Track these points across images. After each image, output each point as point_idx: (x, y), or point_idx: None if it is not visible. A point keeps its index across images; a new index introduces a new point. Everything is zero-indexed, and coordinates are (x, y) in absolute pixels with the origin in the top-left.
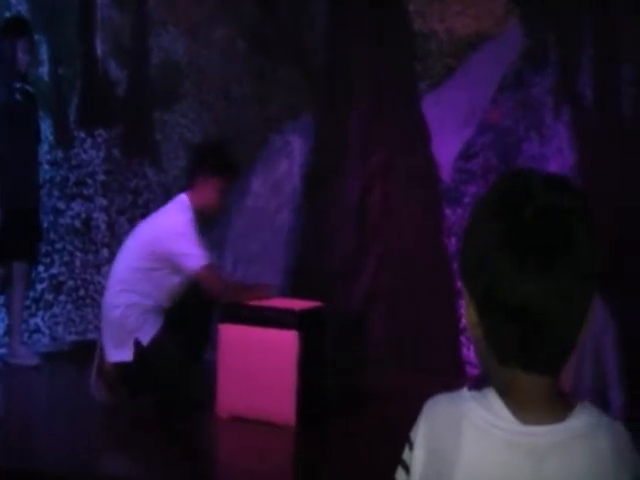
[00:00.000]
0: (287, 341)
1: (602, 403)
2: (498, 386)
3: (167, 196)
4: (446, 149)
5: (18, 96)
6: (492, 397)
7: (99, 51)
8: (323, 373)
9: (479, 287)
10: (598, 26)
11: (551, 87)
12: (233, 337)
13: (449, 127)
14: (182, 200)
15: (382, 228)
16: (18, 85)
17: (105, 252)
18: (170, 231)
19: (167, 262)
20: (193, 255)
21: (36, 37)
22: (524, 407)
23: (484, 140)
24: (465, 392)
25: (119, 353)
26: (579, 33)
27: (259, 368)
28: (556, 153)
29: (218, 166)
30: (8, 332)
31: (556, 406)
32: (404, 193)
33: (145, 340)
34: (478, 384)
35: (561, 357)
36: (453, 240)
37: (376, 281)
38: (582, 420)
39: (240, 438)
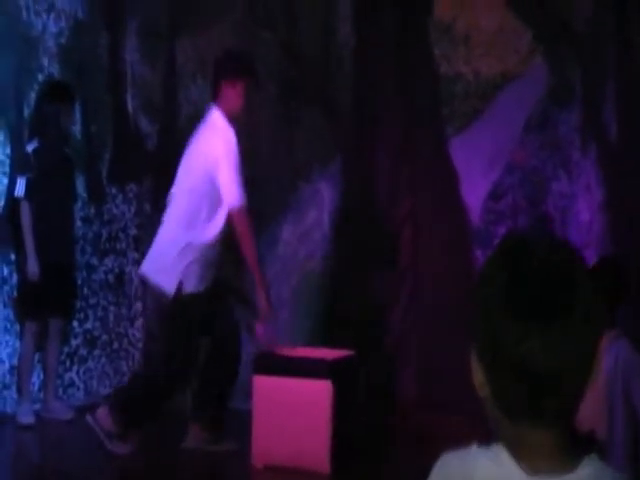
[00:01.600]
0: (320, 391)
1: (636, 449)
2: (506, 441)
3: None
4: (474, 191)
5: (58, 158)
6: (501, 452)
7: (130, 107)
8: (356, 421)
9: (484, 344)
10: (621, 60)
11: (577, 124)
12: (267, 388)
13: (477, 169)
14: (215, 117)
15: (412, 272)
16: (60, 147)
17: (138, 305)
18: (214, 155)
19: (214, 187)
20: (233, 192)
21: None
22: (532, 460)
23: (512, 180)
24: (474, 449)
25: (162, 279)
26: (603, 67)
27: (293, 418)
28: (584, 190)
29: (240, 68)
30: (43, 387)
31: (564, 458)
32: (433, 236)
33: (187, 289)
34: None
35: (568, 410)
36: None
37: (407, 324)
38: (587, 472)
39: None
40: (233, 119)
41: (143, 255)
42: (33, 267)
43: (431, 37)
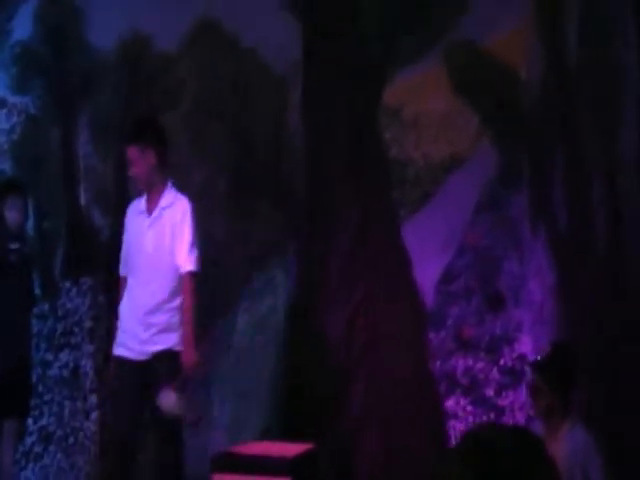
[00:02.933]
0: None
1: None
2: None
3: None
4: (427, 273)
5: (13, 258)
6: None
7: (83, 200)
8: None
9: None
10: (568, 142)
11: (527, 206)
12: None
13: (429, 252)
14: None
15: (368, 356)
16: (14, 246)
17: (93, 398)
18: None
19: None
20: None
21: None
22: None
23: (464, 261)
24: None
25: None
26: (550, 150)
27: None
28: (536, 272)
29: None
30: None
31: None
32: (388, 320)
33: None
34: None
35: None
36: (438, 363)
37: (364, 409)
38: None
39: None
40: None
41: (98, 348)
42: None
43: (381, 122)
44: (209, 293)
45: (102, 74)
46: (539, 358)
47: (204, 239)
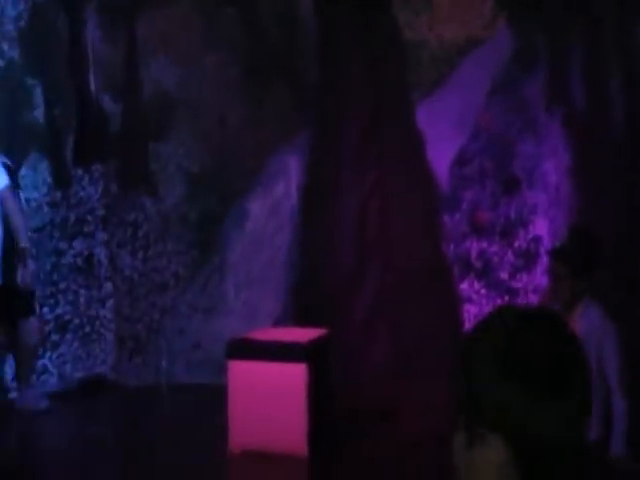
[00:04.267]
0: (296, 374)
1: (606, 409)
2: None
3: (166, 225)
4: (441, 156)
5: None
6: None
7: (92, 87)
8: (332, 400)
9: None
10: (586, 23)
11: (543, 87)
12: (242, 373)
13: (443, 134)
14: None
15: (381, 240)
16: None
17: (108, 286)
18: None
19: None
20: None
21: (30, 81)
22: None
23: (478, 144)
24: None
25: None
26: (568, 31)
27: (269, 402)
28: (551, 153)
29: None
30: (16, 377)
31: None
32: (401, 204)
33: None
34: None
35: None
36: (452, 246)
37: (378, 293)
38: None
39: (254, 472)
40: None
41: (112, 235)
42: None
43: (394, 4)
44: (224, 177)
45: None
46: (557, 244)
47: (217, 125)
